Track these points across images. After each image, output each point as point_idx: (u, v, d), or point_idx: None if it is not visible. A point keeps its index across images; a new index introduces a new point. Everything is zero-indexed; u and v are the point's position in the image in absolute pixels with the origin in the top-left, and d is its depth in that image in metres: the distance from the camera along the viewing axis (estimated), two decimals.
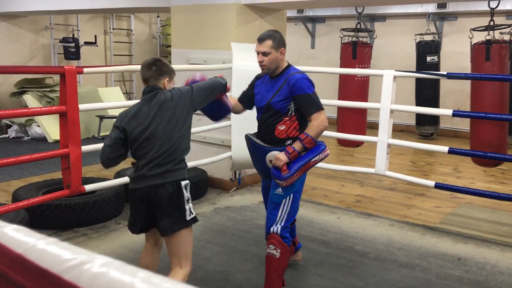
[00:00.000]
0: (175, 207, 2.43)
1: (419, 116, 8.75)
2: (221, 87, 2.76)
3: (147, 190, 2.43)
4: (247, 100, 3.08)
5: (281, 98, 2.80)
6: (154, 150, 2.44)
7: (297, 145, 2.74)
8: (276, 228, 2.81)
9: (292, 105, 2.80)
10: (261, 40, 2.82)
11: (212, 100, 2.75)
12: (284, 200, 2.82)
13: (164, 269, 2.66)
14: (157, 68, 2.54)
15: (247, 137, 2.97)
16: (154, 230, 2.59)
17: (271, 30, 2.91)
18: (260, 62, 2.82)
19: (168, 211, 2.42)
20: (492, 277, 3.33)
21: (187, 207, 2.47)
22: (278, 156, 2.73)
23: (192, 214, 2.51)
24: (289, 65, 2.91)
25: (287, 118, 2.82)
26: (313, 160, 2.77)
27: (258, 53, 2.82)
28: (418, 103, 8.33)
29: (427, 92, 8.46)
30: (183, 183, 2.47)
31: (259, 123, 2.93)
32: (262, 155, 2.86)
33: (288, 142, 2.82)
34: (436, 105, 8.31)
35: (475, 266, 3.50)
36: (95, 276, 0.56)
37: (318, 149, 2.78)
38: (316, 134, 2.75)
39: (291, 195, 2.83)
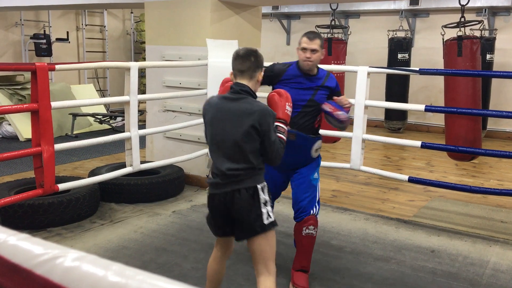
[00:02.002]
0: (251, 211, 2.32)
1: (388, 111, 8.90)
2: (276, 158, 2.42)
3: (224, 195, 2.34)
4: (267, 82, 3.12)
5: (324, 93, 3.09)
6: (224, 158, 2.33)
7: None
8: (314, 210, 3.07)
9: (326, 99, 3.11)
10: (311, 38, 2.99)
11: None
12: (318, 183, 3.14)
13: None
14: (255, 59, 2.37)
15: (293, 132, 2.98)
16: (225, 243, 2.54)
17: (315, 31, 3.14)
18: (308, 58, 2.99)
19: (244, 216, 2.33)
20: (464, 268, 3.41)
21: (264, 211, 2.34)
22: (341, 99, 3.09)
23: (271, 218, 2.36)
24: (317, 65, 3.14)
25: None
26: (336, 115, 3.03)
27: (306, 49, 2.98)
28: (388, 98, 8.46)
29: (397, 88, 8.63)
30: (259, 186, 2.35)
31: (298, 117, 3.03)
32: (309, 146, 3.09)
33: (318, 130, 3.19)
34: (405, 100, 8.49)
35: (448, 258, 3.58)
36: (67, 270, 0.56)
37: (345, 114, 3.06)
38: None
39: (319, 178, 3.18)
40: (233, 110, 2.31)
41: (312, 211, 3.06)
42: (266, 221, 2.33)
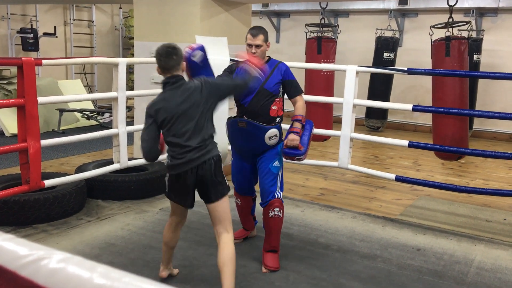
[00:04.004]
0: (218, 176, 2.69)
1: (368, 109, 8.93)
2: (245, 87, 2.91)
3: (196, 168, 2.64)
4: None
5: (275, 82, 3.30)
6: (187, 136, 2.62)
7: (298, 125, 3.31)
8: (278, 194, 3.33)
9: (281, 88, 3.33)
10: (255, 34, 3.26)
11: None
12: (279, 171, 3.36)
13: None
14: (177, 56, 2.65)
15: (244, 120, 3.27)
16: (182, 211, 2.90)
17: (259, 26, 3.38)
18: (254, 54, 3.22)
19: (215, 181, 2.68)
20: (449, 267, 3.45)
21: (223, 175, 2.75)
22: (291, 138, 3.25)
23: (226, 181, 2.77)
24: (269, 57, 3.43)
25: (278, 100, 3.33)
26: (311, 133, 3.41)
27: (251, 45, 3.25)
28: (370, 97, 8.49)
29: (380, 87, 8.65)
30: (218, 156, 2.72)
31: (250, 105, 3.28)
32: (261, 134, 3.27)
33: (278, 120, 3.34)
34: (387, 99, 8.51)
35: (434, 256, 3.61)
36: (52, 272, 0.55)
37: (310, 125, 3.42)
38: (305, 112, 3.37)
39: (282, 166, 3.41)
40: (184, 94, 2.62)
41: (276, 195, 3.32)
42: (227, 184, 2.75)
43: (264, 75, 3.16)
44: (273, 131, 3.29)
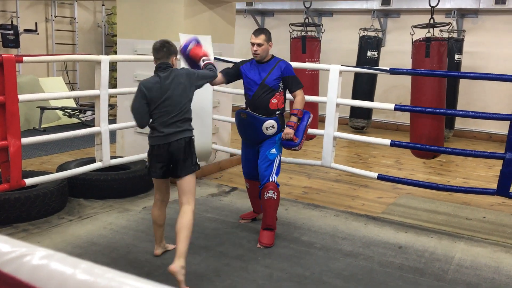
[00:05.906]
0: (188, 156, 3.08)
1: (353, 109, 8.96)
2: (213, 77, 3.40)
3: (168, 145, 3.04)
4: (230, 76, 3.78)
5: (274, 78, 3.64)
6: (171, 114, 3.04)
7: (294, 119, 3.64)
8: (273, 178, 3.64)
9: (281, 83, 3.66)
10: (256, 34, 3.64)
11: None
12: (276, 158, 3.68)
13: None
14: (167, 49, 3.10)
15: (245, 112, 3.68)
16: (163, 187, 3.25)
17: (263, 28, 3.79)
18: (255, 51, 3.63)
19: (184, 159, 3.07)
20: (430, 264, 3.50)
21: (195, 155, 3.15)
22: (286, 131, 3.60)
23: (197, 162, 3.18)
24: (273, 55, 3.75)
25: (278, 94, 3.67)
26: (307, 124, 3.71)
27: (253, 44, 3.63)
28: (354, 97, 8.54)
29: (363, 86, 8.69)
30: (193, 137, 3.13)
31: (253, 98, 3.68)
32: (258, 125, 3.64)
33: (278, 112, 3.69)
34: (371, 98, 8.55)
35: (415, 254, 3.66)
36: (35, 268, 0.55)
37: (307, 116, 3.72)
38: (302, 106, 3.67)
39: (280, 153, 3.72)
40: (172, 78, 3.06)
41: (271, 178, 3.63)
42: (196, 163, 3.15)
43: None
44: (270, 122, 3.64)
